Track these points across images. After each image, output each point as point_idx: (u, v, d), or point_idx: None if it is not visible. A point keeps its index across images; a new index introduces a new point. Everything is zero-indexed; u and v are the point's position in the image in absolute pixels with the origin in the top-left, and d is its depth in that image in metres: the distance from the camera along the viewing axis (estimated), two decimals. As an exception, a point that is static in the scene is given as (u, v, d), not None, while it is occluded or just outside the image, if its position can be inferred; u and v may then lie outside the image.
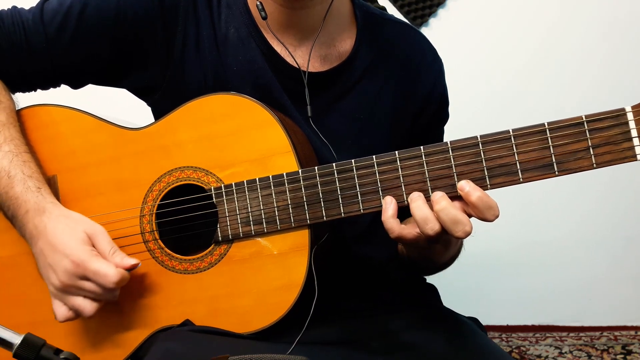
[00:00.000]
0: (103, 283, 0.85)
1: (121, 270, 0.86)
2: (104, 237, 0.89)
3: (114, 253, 0.88)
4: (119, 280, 0.86)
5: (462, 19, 2.13)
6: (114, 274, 0.85)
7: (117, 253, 0.89)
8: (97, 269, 0.85)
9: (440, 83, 1.11)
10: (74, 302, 0.88)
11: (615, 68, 2.11)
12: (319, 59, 1.02)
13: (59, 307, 0.90)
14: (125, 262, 0.88)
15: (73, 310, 0.89)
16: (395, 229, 0.81)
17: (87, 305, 0.88)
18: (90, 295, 0.88)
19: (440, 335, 0.96)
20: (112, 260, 0.87)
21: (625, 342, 2.10)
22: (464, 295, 1.77)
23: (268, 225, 0.88)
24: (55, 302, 0.90)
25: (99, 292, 0.87)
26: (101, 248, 0.88)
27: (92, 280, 0.86)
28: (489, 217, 0.78)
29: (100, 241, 0.89)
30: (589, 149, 0.77)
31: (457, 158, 0.81)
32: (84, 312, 0.88)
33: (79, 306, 0.88)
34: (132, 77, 1.02)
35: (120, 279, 0.86)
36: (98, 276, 0.85)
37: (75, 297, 0.88)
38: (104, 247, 0.88)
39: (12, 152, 0.92)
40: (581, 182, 2.04)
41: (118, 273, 0.86)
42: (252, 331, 0.89)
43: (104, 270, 0.85)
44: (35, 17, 0.98)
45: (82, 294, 0.88)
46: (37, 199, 0.90)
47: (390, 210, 0.82)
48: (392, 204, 0.82)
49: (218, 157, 0.91)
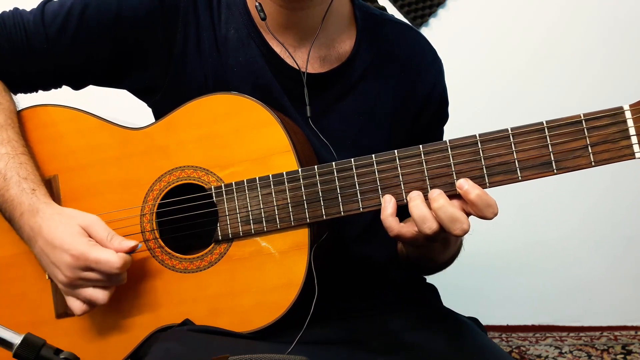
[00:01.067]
0: (107, 270, 0.86)
1: (122, 254, 0.86)
2: (99, 225, 0.89)
3: (111, 238, 0.88)
4: (122, 264, 0.86)
5: (462, 19, 2.13)
6: (116, 260, 0.85)
7: (114, 238, 0.89)
8: (97, 258, 0.85)
9: (440, 83, 1.11)
10: (85, 293, 0.88)
11: (614, 68, 2.11)
12: (319, 59, 1.02)
13: (73, 302, 0.90)
14: (124, 245, 0.88)
15: (87, 302, 0.89)
16: (394, 227, 0.82)
17: (99, 294, 0.88)
18: (99, 284, 0.88)
19: (440, 335, 0.96)
20: (111, 245, 0.88)
21: (625, 342, 2.09)
22: (464, 295, 1.76)
23: (268, 224, 0.89)
24: (68, 298, 0.91)
25: (106, 280, 0.87)
26: (98, 236, 0.88)
27: (95, 269, 0.86)
28: (488, 215, 0.78)
29: (96, 230, 0.89)
30: (587, 147, 0.77)
31: (456, 157, 0.81)
32: (97, 301, 0.88)
33: (91, 296, 0.88)
34: (132, 78, 1.02)
35: (123, 263, 0.86)
36: (100, 264, 0.85)
37: (85, 289, 0.88)
38: (100, 234, 0.88)
39: (9, 154, 0.92)
40: (581, 182, 2.05)
41: (120, 258, 0.86)
42: (252, 330, 0.89)
43: (105, 257, 0.85)
44: (36, 19, 0.98)
45: (90, 284, 0.88)
46: (31, 200, 0.90)
47: (390, 209, 0.82)
48: (392, 203, 0.82)
49: (218, 157, 0.92)
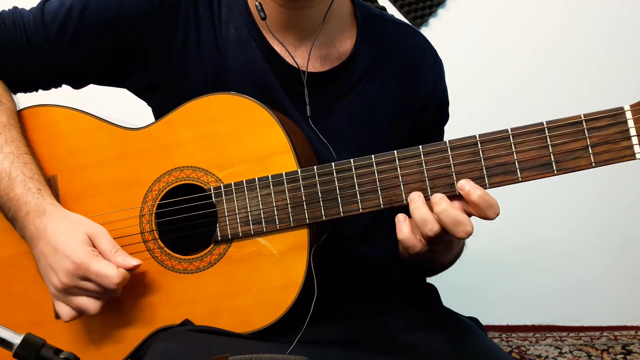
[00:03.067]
0: (105, 284, 0.85)
1: (122, 271, 0.86)
2: (105, 237, 0.89)
3: (115, 252, 0.88)
4: (120, 281, 0.86)
5: (462, 19, 2.13)
6: (116, 276, 0.85)
7: (119, 252, 0.88)
8: (98, 271, 0.85)
9: (440, 84, 1.11)
10: (77, 302, 0.88)
11: (614, 68, 2.11)
12: (319, 59, 1.02)
13: (62, 307, 0.90)
14: (127, 262, 0.88)
15: (77, 310, 0.89)
16: (416, 245, 0.80)
17: (91, 304, 0.88)
18: (93, 295, 0.88)
19: (440, 335, 0.96)
20: (114, 260, 0.87)
21: (625, 342, 2.09)
22: (464, 295, 1.77)
23: (267, 224, 0.88)
24: (57, 303, 0.90)
25: (101, 292, 0.87)
26: (102, 248, 0.88)
27: (93, 281, 0.86)
28: (490, 215, 0.78)
29: (102, 241, 0.89)
30: (587, 148, 0.77)
31: (456, 157, 0.81)
32: (88, 311, 0.88)
33: (83, 305, 0.88)
34: (133, 77, 1.02)
35: (122, 279, 0.86)
36: (100, 277, 0.85)
37: (78, 297, 0.88)
38: (105, 246, 0.88)
39: (13, 154, 0.92)
40: (581, 181, 2.05)
41: (120, 274, 0.86)
42: (252, 331, 0.89)
43: (106, 271, 0.85)
44: (36, 18, 0.98)
45: (84, 293, 0.88)
46: (38, 200, 0.90)
47: (406, 228, 0.80)
48: (406, 222, 0.80)
49: (217, 157, 0.91)
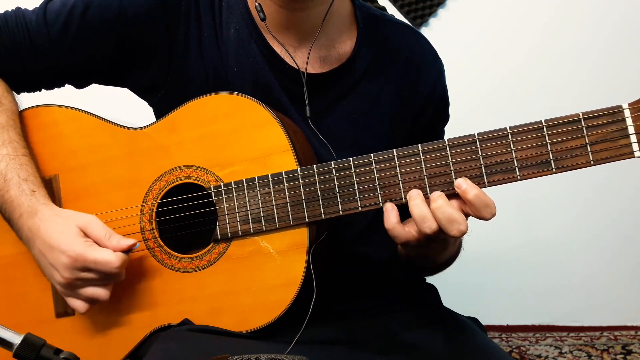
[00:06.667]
0: (106, 270, 0.86)
1: (120, 254, 0.87)
2: (97, 224, 0.89)
3: (109, 237, 0.88)
4: (120, 264, 0.86)
5: (462, 19, 2.13)
6: (115, 260, 0.86)
7: (112, 236, 0.89)
8: (95, 259, 0.85)
9: (440, 84, 1.11)
10: (86, 292, 0.89)
11: (614, 66, 2.12)
12: (319, 60, 1.02)
13: (74, 301, 0.90)
14: (122, 243, 0.88)
15: (89, 301, 0.90)
16: (401, 235, 0.81)
17: (100, 291, 0.88)
18: (98, 283, 0.88)
19: (440, 335, 0.96)
20: (109, 244, 0.88)
21: (625, 342, 2.09)
22: (464, 295, 1.77)
23: (267, 223, 0.89)
24: (68, 299, 0.91)
25: (105, 278, 0.88)
26: (96, 235, 0.89)
27: (94, 270, 0.86)
28: (486, 215, 0.78)
29: (94, 229, 0.89)
30: (586, 146, 0.77)
31: (455, 156, 0.81)
32: (99, 298, 0.89)
33: (92, 294, 0.89)
34: (134, 77, 1.02)
35: (122, 262, 0.87)
36: (99, 265, 0.86)
37: (85, 288, 0.89)
38: (97, 234, 0.89)
39: (10, 155, 0.92)
40: (581, 180, 2.05)
41: (118, 257, 0.86)
42: (251, 329, 0.89)
43: (103, 257, 0.86)
44: (39, 18, 0.98)
45: (89, 284, 0.88)
46: (31, 202, 0.90)
47: (393, 218, 0.81)
48: (394, 212, 0.81)
49: (218, 156, 0.92)
